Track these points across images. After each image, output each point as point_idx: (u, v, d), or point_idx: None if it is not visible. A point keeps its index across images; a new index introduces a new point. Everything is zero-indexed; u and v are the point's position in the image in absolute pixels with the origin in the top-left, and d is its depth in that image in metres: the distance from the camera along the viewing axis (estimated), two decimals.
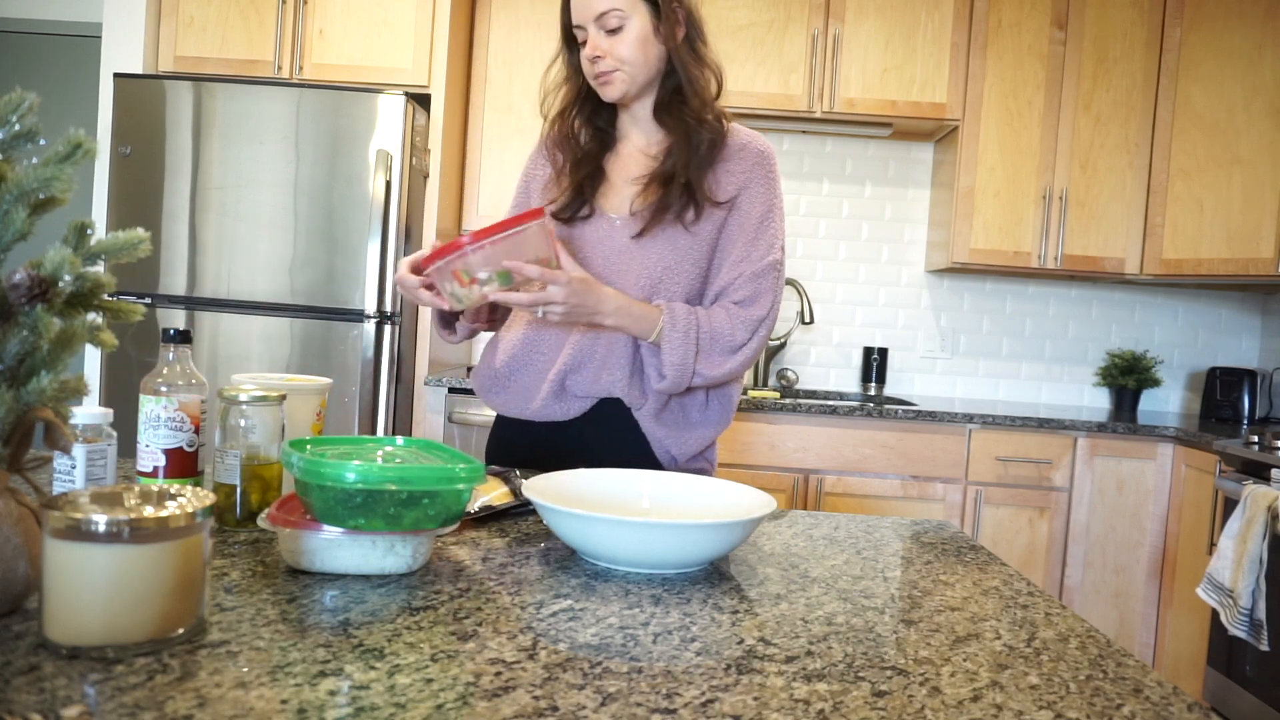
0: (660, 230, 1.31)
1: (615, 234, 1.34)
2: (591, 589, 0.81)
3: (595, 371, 1.33)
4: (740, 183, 1.34)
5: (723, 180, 1.34)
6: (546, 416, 1.36)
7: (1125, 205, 3.09)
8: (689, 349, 1.28)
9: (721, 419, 1.39)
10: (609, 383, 1.33)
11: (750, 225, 1.34)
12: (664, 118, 1.35)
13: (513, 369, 1.39)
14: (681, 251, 1.32)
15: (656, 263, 1.32)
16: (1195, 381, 3.46)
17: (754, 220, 1.34)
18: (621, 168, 1.38)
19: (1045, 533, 2.84)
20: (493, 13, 3.11)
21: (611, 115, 1.41)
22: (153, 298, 2.71)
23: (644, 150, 1.38)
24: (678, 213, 1.31)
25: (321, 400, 1.09)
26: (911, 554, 1.03)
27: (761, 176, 1.35)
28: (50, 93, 3.83)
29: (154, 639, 0.60)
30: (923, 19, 3.06)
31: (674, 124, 1.33)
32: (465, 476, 0.81)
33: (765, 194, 1.35)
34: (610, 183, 1.38)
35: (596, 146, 1.38)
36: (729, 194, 1.33)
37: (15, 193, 0.65)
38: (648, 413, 1.34)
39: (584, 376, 1.34)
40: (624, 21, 1.28)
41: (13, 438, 0.65)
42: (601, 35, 1.29)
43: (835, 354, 3.48)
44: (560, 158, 1.40)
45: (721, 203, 1.33)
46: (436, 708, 0.55)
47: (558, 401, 1.35)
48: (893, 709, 0.59)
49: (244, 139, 2.68)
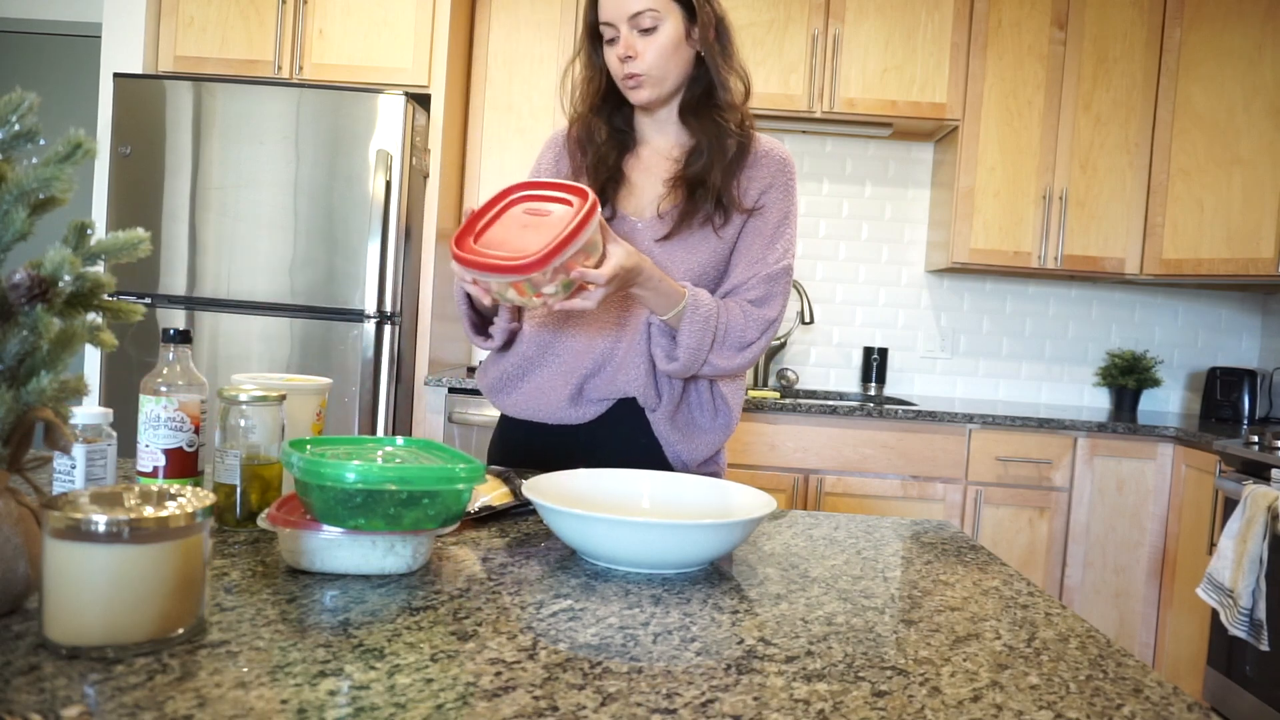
0: (686, 234, 1.31)
1: (637, 236, 1.32)
2: (591, 589, 0.81)
3: (613, 373, 1.32)
4: (762, 189, 1.34)
5: (746, 186, 1.33)
6: (561, 420, 1.35)
7: (1125, 205, 3.09)
8: (706, 337, 1.27)
9: (728, 425, 1.39)
10: (625, 383, 1.32)
11: (768, 229, 1.34)
12: (690, 120, 1.34)
13: (525, 370, 1.37)
14: (705, 255, 1.32)
15: (680, 266, 1.31)
16: (1195, 381, 3.46)
17: (771, 225, 1.34)
18: (643, 169, 1.37)
19: (1045, 533, 2.84)
20: (493, 13, 3.11)
21: (629, 116, 1.39)
22: (153, 298, 2.71)
23: (666, 153, 1.37)
24: (706, 217, 1.30)
25: (321, 400, 1.09)
26: (911, 554, 1.03)
27: (782, 184, 1.35)
28: (50, 93, 3.83)
29: (154, 639, 0.60)
30: (923, 19, 3.06)
31: (701, 126, 1.32)
32: (465, 476, 0.81)
33: (784, 201, 1.35)
34: (631, 184, 1.36)
35: (615, 147, 1.36)
36: (753, 200, 1.33)
37: (15, 193, 0.65)
38: (662, 415, 1.33)
39: (602, 379, 1.32)
40: (658, 23, 1.26)
41: (13, 438, 0.65)
42: (635, 35, 1.27)
43: (835, 354, 3.48)
44: (580, 157, 1.37)
45: (748, 209, 1.32)
46: (436, 708, 0.55)
47: (574, 406, 1.34)
48: (893, 709, 0.59)
49: (244, 139, 2.68)
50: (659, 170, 1.36)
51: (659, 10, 1.25)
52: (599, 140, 1.36)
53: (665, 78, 1.29)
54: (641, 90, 1.30)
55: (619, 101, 1.37)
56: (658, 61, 1.27)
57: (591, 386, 1.33)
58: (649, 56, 1.27)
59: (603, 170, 1.34)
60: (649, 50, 1.27)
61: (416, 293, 2.95)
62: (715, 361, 1.30)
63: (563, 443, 1.36)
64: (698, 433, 1.37)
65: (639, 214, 1.34)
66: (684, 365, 1.28)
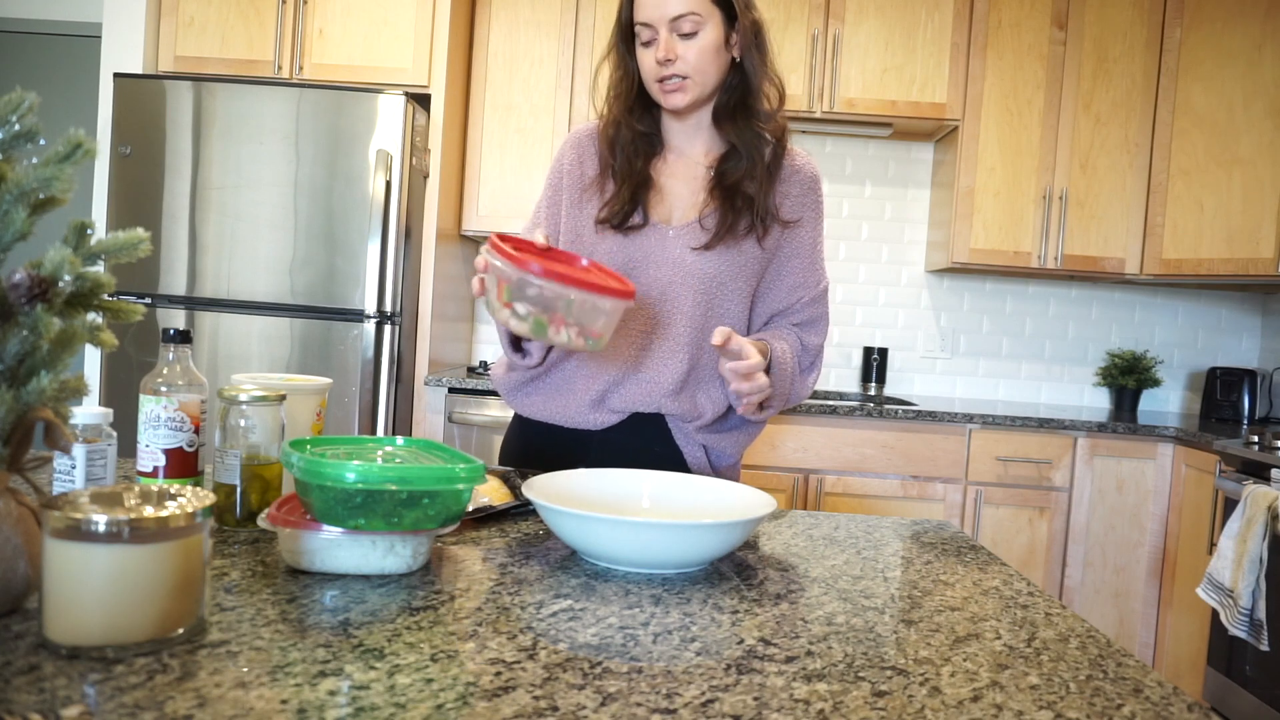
0: (729, 243, 1.28)
1: (669, 245, 1.29)
2: (591, 589, 0.81)
3: (640, 388, 1.30)
4: (795, 205, 1.33)
5: (781, 199, 1.32)
6: (577, 424, 1.32)
7: (1125, 205, 3.09)
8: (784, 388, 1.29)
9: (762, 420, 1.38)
10: (654, 401, 1.30)
11: (805, 249, 1.34)
12: (725, 126, 1.30)
13: (548, 373, 1.34)
14: (739, 266, 1.29)
15: (714, 276, 1.28)
16: (1195, 381, 3.46)
17: (808, 245, 1.34)
18: (671, 175, 1.34)
19: (1045, 533, 2.84)
20: (493, 13, 3.11)
21: (657, 119, 1.35)
22: (153, 298, 2.71)
23: (696, 159, 1.34)
24: (749, 227, 1.28)
25: (321, 400, 1.09)
26: (911, 554, 1.03)
27: (814, 201, 1.35)
28: (50, 93, 3.83)
29: (154, 639, 0.60)
30: (923, 19, 3.06)
31: (737, 133, 1.29)
32: (465, 476, 0.81)
33: (816, 219, 1.36)
34: (661, 191, 1.33)
35: (643, 151, 1.33)
36: (788, 214, 1.32)
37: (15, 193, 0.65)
38: (701, 424, 1.32)
39: (626, 391, 1.30)
40: (699, 27, 1.22)
41: (13, 438, 0.65)
42: (675, 39, 1.23)
43: (835, 354, 3.48)
44: (610, 158, 1.33)
45: (787, 222, 1.31)
46: (436, 708, 0.55)
47: (594, 412, 1.32)
48: (893, 709, 0.59)
49: (244, 139, 2.68)
50: (689, 177, 1.33)
51: (701, 14, 1.22)
52: (625, 142, 1.32)
53: (704, 83, 1.26)
54: (681, 94, 1.26)
55: (646, 104, 1.33)
56: (699, 66, 1.24)
57: (615, 397, 1.31)
58: (690, 60, 1.23)
59: (634, 174, 1.31)
60: (689, 54, 1.23)
61: (416, 293, 2.95)
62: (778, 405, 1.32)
63: (579, 446, 1.34)
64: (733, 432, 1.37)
65: (668, 221, 1.31)
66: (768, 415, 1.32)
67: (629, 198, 1.29)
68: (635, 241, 1.29)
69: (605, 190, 1.32)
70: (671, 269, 1.28)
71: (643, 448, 1.32)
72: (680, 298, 1.28)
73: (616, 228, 1.29)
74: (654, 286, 1.28)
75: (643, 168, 1.31)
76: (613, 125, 1.32)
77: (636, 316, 1.29)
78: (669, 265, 1.28)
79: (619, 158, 1.31)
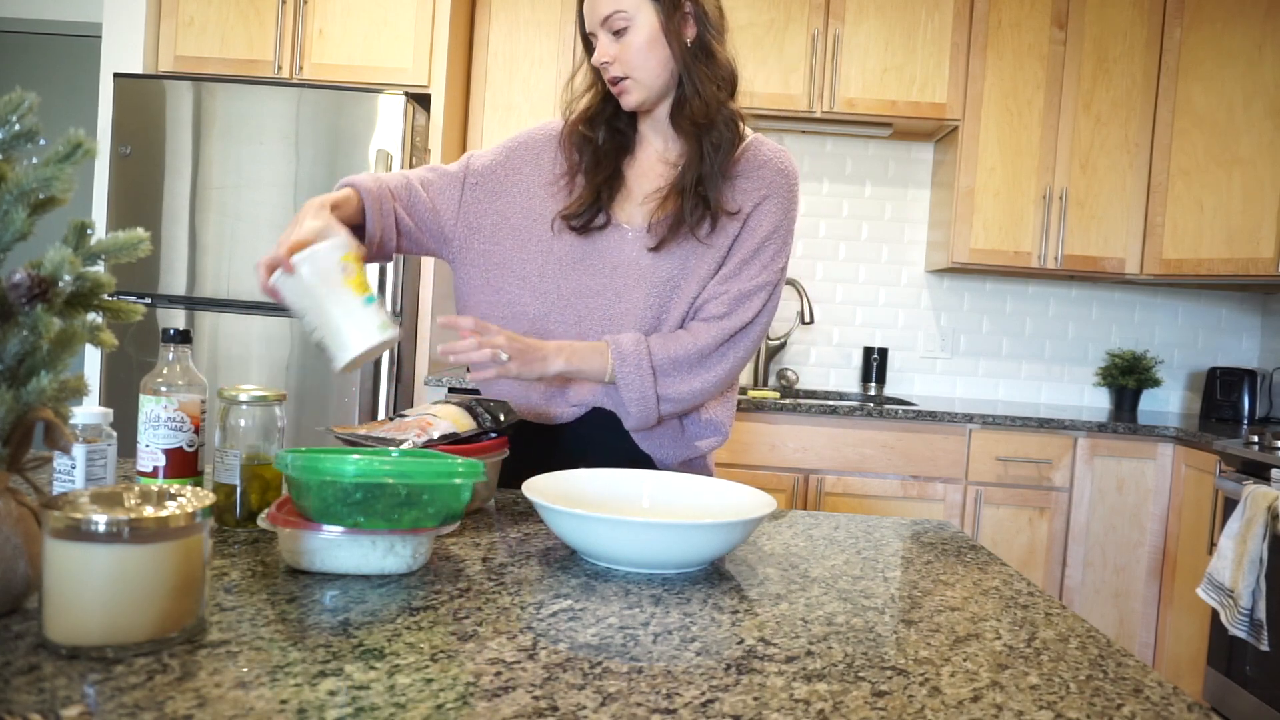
0: (676, 244, 1.27)
1: (627, 246, 1.29)
2: (591, 589, 0.81)
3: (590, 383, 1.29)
4: (757, 199, 1.29)
5: (738, 195, 1.29)
6: (542, 417, 1.33)
7: (1125, 205, 3.09)
8: (645, 380, 1.23)
9: (719, 428, 1.35)
10: (597, 397, 1.30)
11: (752, 243, 1.29)
12: (679, 121, 1.28)
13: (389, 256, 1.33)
14: (693, 265, 1.28)
15: (668, 276, 1.27)
16: (1195, 381, 3.46)
17: (757, 238, 1.29)
18: (640, 175, 1.33)
19: (1045, 533, 2.84)
20: (493, 13, 3.11)
21: (632, 118, 1.34)
22: (153, 298, 2.71)
23: (663, 157, 1.33)
24: (693, 225, 1.26)
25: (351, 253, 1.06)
26: (911, 554, 1.03)
27: (780, 195, 1.30)
28: (50, 93, 3.83)
29: (154, 639, 0.60)
30: (923, 19, 3.06)
31: (687, 128, 1.27)
32: (463, 472, 0.81)
33: (775, 213, 1.29)
34: (628, 191, 1.32)
35: (614, 149, 1.32)
36: (741, 207, 1.28)
37: (15, 193, 0.65)
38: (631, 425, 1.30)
39: (580, 385, 1.30)
40: (629, 23, 1.21)
41: (13, 438, 0.65)
42: (609, 39, 1.23)
43: (835, 354, 3.48)
44: (577, 158, 1.33)
45: (734, 214, 1.28)
46: (436, 708, 0.55)
47: (553, 405, 1.32)
48: (893, 709, 0.59)
49: (244, 139, 2.68)
50: (656, 178, 1.32)
51: (627, 11, 1.21)
52: (599, 140, 1.32)
53: (648, 80, 1.25)
54: (629, 95, 1.26)
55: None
56: (635, 62, 1.23)
57: (572, 390, 1.30)
58: (624, 59, 1.23)
59: (600, 171, 1.30)
60: (623, 52, 1.23)
61: (416, 293, 2.95)
62: (673, 394, 1.26)
63: (550, 441, 1.34)
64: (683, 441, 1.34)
65: (630, 222, 1.30)
66: (639, 418, 1.26)
67: (592, 197, 1.29)
68: (592, 241, 1.30)
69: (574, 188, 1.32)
70: (627, 269, 1.28)
71: (613, 443, 1.31)
72: (635, 298, 1.28)
73: (580, 229, 1.29)
74: (610, 287, 1.28)
75: (614, 165, 1.31)
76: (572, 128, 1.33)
77: (592, 314, 1.29)
78: (626, 266, 1.28)
79: (587, 157, 1.32)
